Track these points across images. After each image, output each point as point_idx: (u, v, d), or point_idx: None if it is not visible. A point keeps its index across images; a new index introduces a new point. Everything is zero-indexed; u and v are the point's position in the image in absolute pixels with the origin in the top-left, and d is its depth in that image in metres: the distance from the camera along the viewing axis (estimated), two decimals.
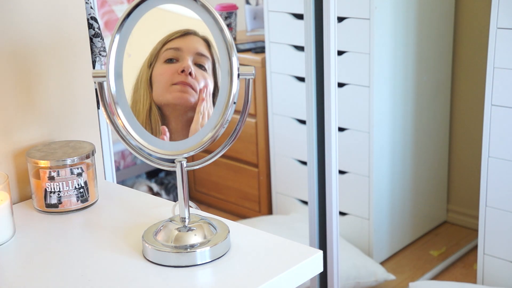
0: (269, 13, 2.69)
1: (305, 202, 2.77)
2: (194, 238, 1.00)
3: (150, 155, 1.02)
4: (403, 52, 2.52)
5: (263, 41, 2.83)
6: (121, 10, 3.13)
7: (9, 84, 1.21)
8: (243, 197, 3.05)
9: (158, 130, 1.00)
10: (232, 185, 3.07)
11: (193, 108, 0.98)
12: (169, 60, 0.99)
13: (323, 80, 1.83)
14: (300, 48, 2.60)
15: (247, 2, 3.09)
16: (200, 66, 0.98)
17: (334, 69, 1.81)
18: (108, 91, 1.00)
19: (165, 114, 1.00)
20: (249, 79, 0.97)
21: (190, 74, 0.98)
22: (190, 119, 0.99)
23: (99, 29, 1.34)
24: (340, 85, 2.50)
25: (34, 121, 1.25)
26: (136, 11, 0.98)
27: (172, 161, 1.01)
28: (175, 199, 3.16)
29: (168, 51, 0.99)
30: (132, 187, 3.09)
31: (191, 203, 1.03)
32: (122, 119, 1.00)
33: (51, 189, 1.16)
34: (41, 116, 1.26)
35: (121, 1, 3.17)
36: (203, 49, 0.97)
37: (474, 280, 2.43)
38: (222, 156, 2.95)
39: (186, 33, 0.98)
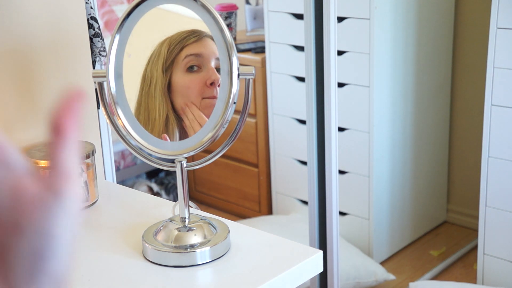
0: (269, 13, 2.69)
1: (305, 202, 2.77)
2: (194, 238, 1.00)
3: (150, 155, 1.02)
4: (403, 52, 2.52)
5: (263, 41, 2.83)
6: (121, 10, 3.13)
7: (9, 84, 1.21)
8: (243, 197, 3.05)
9: (175, 136, 1.00)
10: (232, 185, 3.07)
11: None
12: (190, 68, 0.98)
13: (323, 80, 1.83)
14: (300, 48, 2.60)
15: (247, 2, 3.09)
16: (218, 70, 0.98)
17: (334, 69, 1.81)
18: (108, 91, 1.00)
19: (184, 122, 0.99)
20: (249, 79, 0.97)
21: (218, 85, 0.97)
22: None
23: (99, 29, 1.34)
24: (340, 85, 2.50)
25: (34, 121, 1.25)
26: (136, 11, 0.98)
27: (172, 161, 1.01)
28: (175, 199, 3.16)
29: (189, 58, 0.98)
30: (132, 187, 3.08)
31: (191, 203, 1.03)
32: (122, 119, 1.00)
33: None
34: (41, 116, 1.26)
35: (121, 1, 3.17)
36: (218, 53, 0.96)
37: (474, 280, 2.43)
38: (222, 156, 2.94)
39: (201, 37, 0.97)
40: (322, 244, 1.99)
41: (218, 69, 0.97)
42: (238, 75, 0.96)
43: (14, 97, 1.22)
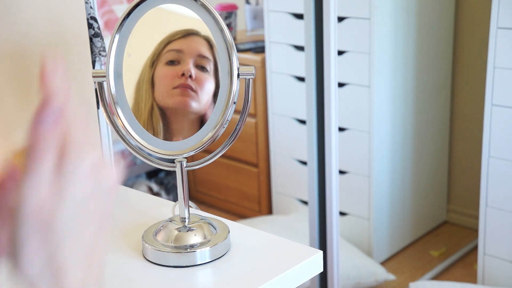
0: (269, 13, 2.69)
1: (305, 202, 2.77)
2: (194, 238, 1.00)
3: (150, 155, 1.02)
4: (403, 52, 2.52)
5: (263, 41, 2.83)
6: (121, 10, 3.13)
7: (9, 84, 1.21)
8: (243, 197, 3.05)
9: (159, 130, 1.00)
10: (232, 185, 3.07)
11: (194, 110, 0.98)
12: (171, 62, 0.99)
13: (323, 80, 1.83)
14: (300, 48, 2.60)
15: (247, 2, 3.09)
16: (202, 68, 0.98)
17: (334, 69, 1.81)
18: (108, 91, 1.00)
19: (166, 115, 1.00)
20: (249, 79, 0.97)
21: (190, 76, 0.98)
22: (191, 120, 0.99)
23: (99, 29, 1.34)
24: (340, 85, 2.50)
25: None
26: (136, 11, 0.98)
27: (172, 161, 1.01)
28: (175, 199, 3.16)
29: (170, 52, 0.99)
30: (132, 187, 3.08)
31: (191, 203, 1.03)
32: (122, 119, 1.00)
33: None
34: None
35: (121, 1, 3.17)
36: (205, 51, 0.97)
37: (474, 280, 2.43)
38: (222, 156, 2.94)
39: (188, 34, 0.98)
40: (322, 244, 1.99)
41: (198, 66, 0.98)
42: (238, 75, 0.96)
43: (14, 97, 1.22)
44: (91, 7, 1.33)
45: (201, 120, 0.99)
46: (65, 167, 0.43)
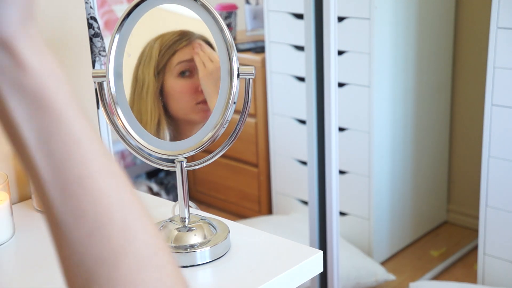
0: (269, 13, 2.69)
1: (305, 202, 2.77)
2: (194, 238, 1.00)
3: (150, 155, 1.02)
4: (403, 52, 2.52)
5: (263, 41, 2.83)
6: (121, 10, 3.13)
7: None
8: (243, 197, 3.04)
9: (165, 135, 1.00)
10: (232, 185, 3.07)
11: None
12: (182, 73, 0.99)
13: (323, 80, 1.83)
14: (300, 48, 2.60)
15: (247, 2, 3.09)
16: None
17: (334, 69, 1.81)
18: (108, 91, 1.00)
19: (179, 125, 1.00)
20: (249, 79, 0.97)
21: None
22: (202, 124, 0.99)
23: (99, 29, 1.34)
24: (340, 85, 2.49)
25: None
26: (136, 11, 0.98)
27: (172, 161, 1.01)
28: (175, 199, 3.16)
29: (181, 64, 0.98)
30: None
31: (191, 203, 1.03)
32: (122, 119, 1.00)
33: None
34: None
35: (121, 1, 3.17)
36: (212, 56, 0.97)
37: (474, 280, 2.43)
38: (222, 156, 2.94)
39: (192, 39, 0.97)
40: (322, 244, 1.99)
41: None
42: (238, 75, 0.96)
43: None
44: (91, 7, 1.33)
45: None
46: None
